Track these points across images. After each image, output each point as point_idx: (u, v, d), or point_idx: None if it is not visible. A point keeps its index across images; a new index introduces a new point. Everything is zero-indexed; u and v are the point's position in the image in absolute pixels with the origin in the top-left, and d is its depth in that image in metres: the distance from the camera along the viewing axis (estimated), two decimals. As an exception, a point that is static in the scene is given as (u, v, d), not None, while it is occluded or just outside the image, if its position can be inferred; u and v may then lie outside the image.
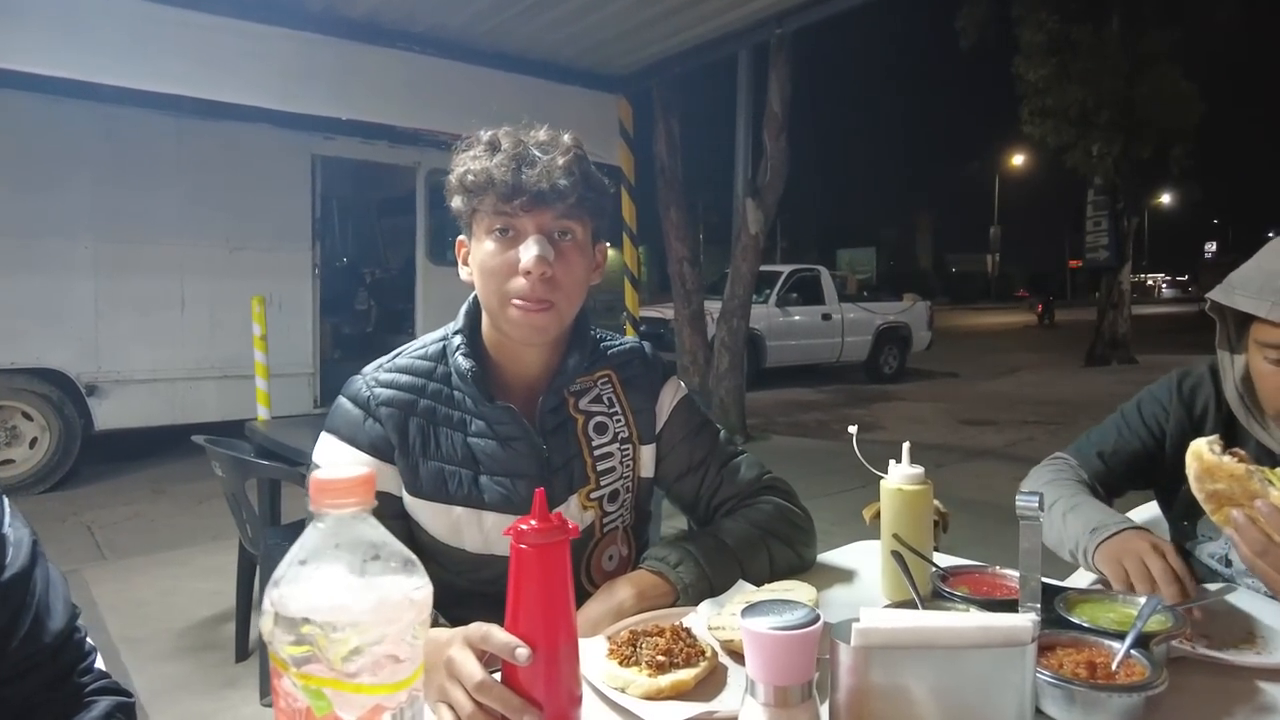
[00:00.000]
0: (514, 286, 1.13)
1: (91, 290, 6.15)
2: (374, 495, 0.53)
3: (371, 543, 0.52)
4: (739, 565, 1.18)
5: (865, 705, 0.71)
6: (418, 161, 7.76)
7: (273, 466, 2.67)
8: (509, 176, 1.10)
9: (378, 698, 0.48)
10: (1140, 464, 1.45)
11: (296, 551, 0.51)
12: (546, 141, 1.15)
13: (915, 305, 12.70)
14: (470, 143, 1.18)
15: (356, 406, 1.20)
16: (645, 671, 0.87)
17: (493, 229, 1.14)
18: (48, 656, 0.88)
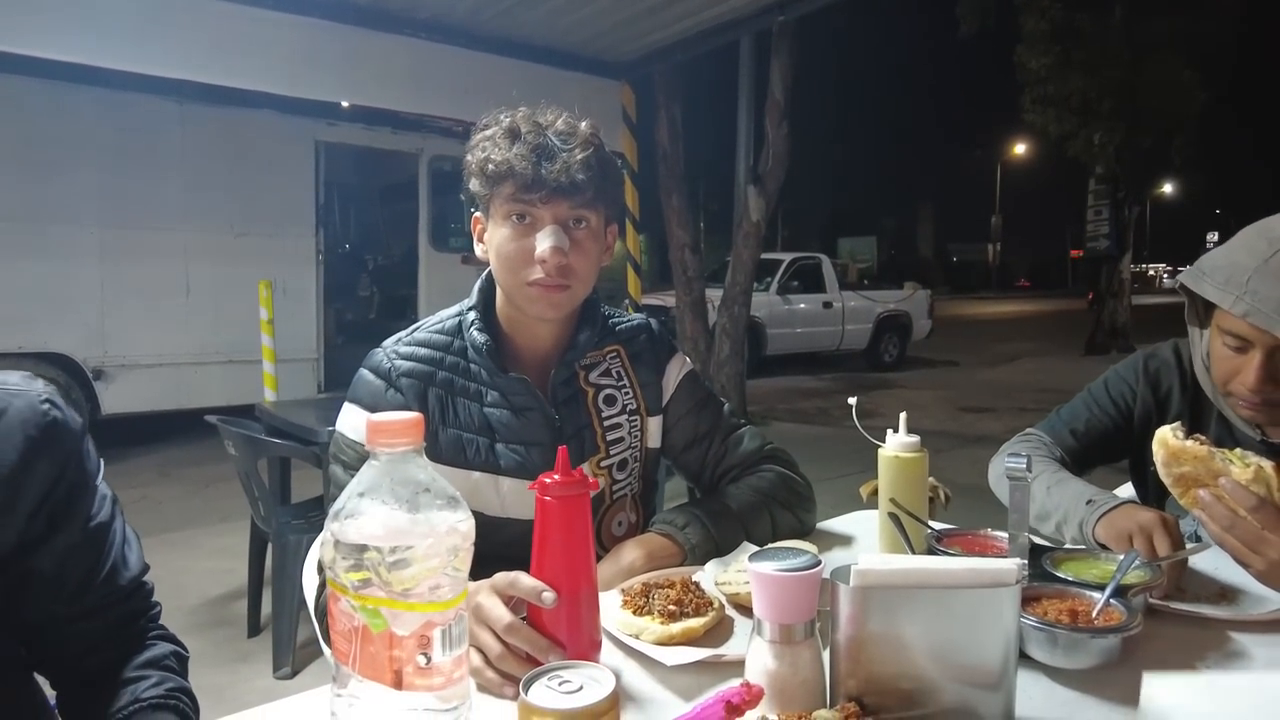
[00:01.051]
0: (531, 271, 1.19)
1: (97, 275, 6.19)
2: (423, 437, 0.58)
3: (421, 480, 0.58)
4: (743, 528, 1.25)
5: (863, 644, 0.77)
6: (420, 148, 7.80)
7: (285, 445, 2.73)
8: (529, 169, 1.14)
9: (429, 615, 0.54)
10: (1110, 441, 1.51)
11: (355, 485, 0.57)
12: (565, 132, 1.18)
13: (916, 294, 12.75)
14: (488, 124, 1.22)
15: (378, 377, 1.26)
16: (658, 620, 0.93)
17: (510, 215, 1.19)
18: (122, 598, 0.98)
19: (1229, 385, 1.28)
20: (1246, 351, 1.23)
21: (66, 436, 0.93)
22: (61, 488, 0.92)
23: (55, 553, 0.92)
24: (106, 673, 0.97)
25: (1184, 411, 1.44)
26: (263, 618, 3.17)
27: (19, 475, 0.88)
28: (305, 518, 2.91)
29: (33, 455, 0.89)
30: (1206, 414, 1.41)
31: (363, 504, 0.56)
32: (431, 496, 0.57)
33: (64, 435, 0.93)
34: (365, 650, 0.56)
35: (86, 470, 0.96)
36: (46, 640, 0.94)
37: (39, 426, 0.90)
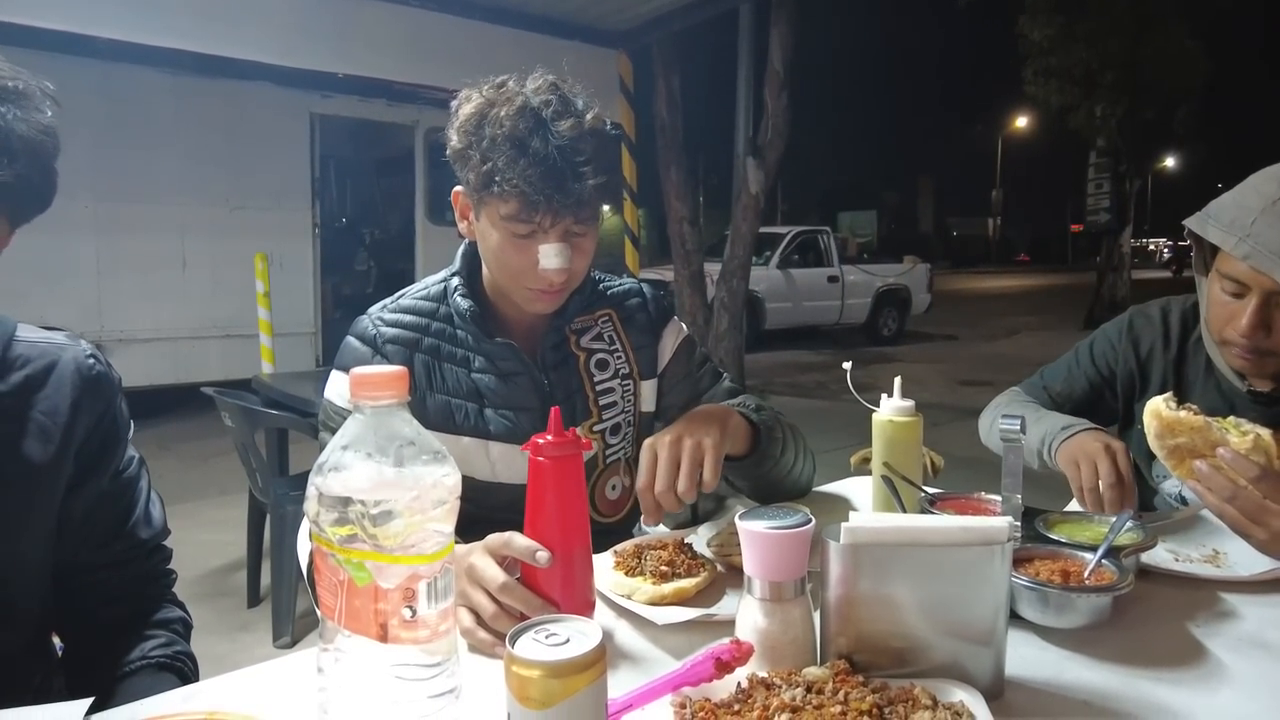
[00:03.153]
0: (530, 279, 1.16)
1: (93, 250, 6.16)
2: (408, 391, 0.58)
3: (405, 434, 0.57)
4: (792, 445, 1.28)
5: (853, 602, 0.77)
6: (416, 120, 7.72)
7: (282, 416, 2.73)
8: (540, 197, 1.07)
9: (414, 567, 0.54)
10: (1088, 401, 1.51)
11: (339, 439, 0.57)
12: (574, 138, 1.10)
13: (915, 268, 12.71)
14: (481, 112, 1.12)
15: (364, 344, 1.25)
16: (650, 580, 0.93)
17: (513, 231, 1.13)
18: (144, 555, 1.04)
19: (1223, 333, 1.27)
20: (1243, 297, 1.22)
21: (107, 388, 1.00)
22: (97, 436, 0.98)
23: (86, 498, 0.97)
24: (120, 627, 1.01)
25: (1167, 370, 1.43)
26: (262, 588, 3.19)
27: (70, 424, 0.94)
28: (302, 489, 2.89)
29: (78, 404, 0.95)
30: (1190, 372, 1.41)
31: (346, 457, 0.55)
32: (416, 450, 0.57)
33: (105, 387, 1.00)
34: (350, 604, 0.55)
35: (120, 423, 1.02)
36: (70, 587, 0.98)
37: (84, 377, 0.97)
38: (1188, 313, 1.46)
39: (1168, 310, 1.47)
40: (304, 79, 6.48)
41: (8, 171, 0.82)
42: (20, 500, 0.91)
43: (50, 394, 0.94)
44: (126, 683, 0.95)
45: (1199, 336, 1.42)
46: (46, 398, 0.94)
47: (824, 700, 0.69)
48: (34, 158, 0.84)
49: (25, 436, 0.91)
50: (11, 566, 0.91)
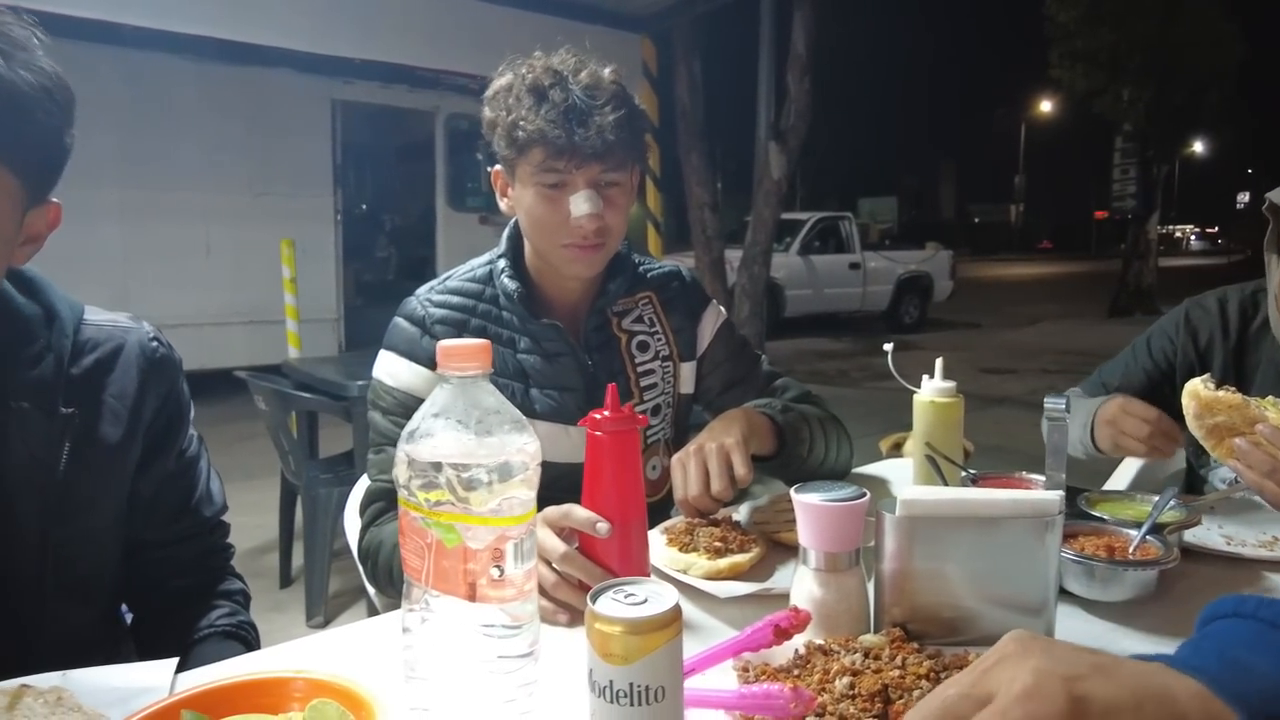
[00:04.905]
0: (565, 234, 1.18)
1: (119, 236, 6.23)
2: (490, 363, 0.60)
3: (489, 404, 0.60)
4: (822, 436, 1.30)
5: (908, 573, 0.79)
6: (437, 106, 7.74)
7: (315, 399, 2.77)
8: (561, 136, 1.11)
9: (503, 528, 0.57)
10: (1147, 395, 1.49)
11: (428, 407, 0.59)
12: (591, 85, 1.15)
13: (938, 254, 12.62)
14: (509, 83, 1.18)
15: (413, 324, 1.27)
16: (705, 556, 0.95)
17: (542, 182, 1.17)
18: (207, 530, 1.08)
19: None
20: None
21: (170, 370, 1.03)
22: (162, 418, 1.01)
23: (154, 478, 1.01)
24: (187, 598, 1.05)
25: (1227, 362, 1.43)
26: (294, 569, 3.25)
27: (138, 405, 0.97)
28: (334, 472, 2.96)
29: (145, 386, 0.98)
30: (1251, 361, 1.40)
31: (436, 424, 0.58)
32: (500, 419, 0.59)
33: (168, 369, 1.02)
34: (439, 565, 0.58)
35: (183, 404, 1.05)
36: (139, 562, 1.02)
37: (149, 360, 1.00)
38: (1246, 302, 1.45)
39: (1225, 300, 1.46)
40: (326, 65, 6.52)
41: (27, 148, 0.80)
42: (95, 481, 0.94)
43: (119, 377, 0.97)
44: (196, 649, 0.99)
45: (1260, 324, 1.41)
46: (115, 380, 0.96)
47: (882, 665, 0.71)
48: (40, 111, 0.80)
49: (98, 419, 0.94)
50: (86, 544, 0.94)
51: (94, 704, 0.67)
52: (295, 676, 0.66)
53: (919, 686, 0.67)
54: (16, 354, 0.89)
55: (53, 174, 0.86)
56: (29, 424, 0.88)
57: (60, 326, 0.93)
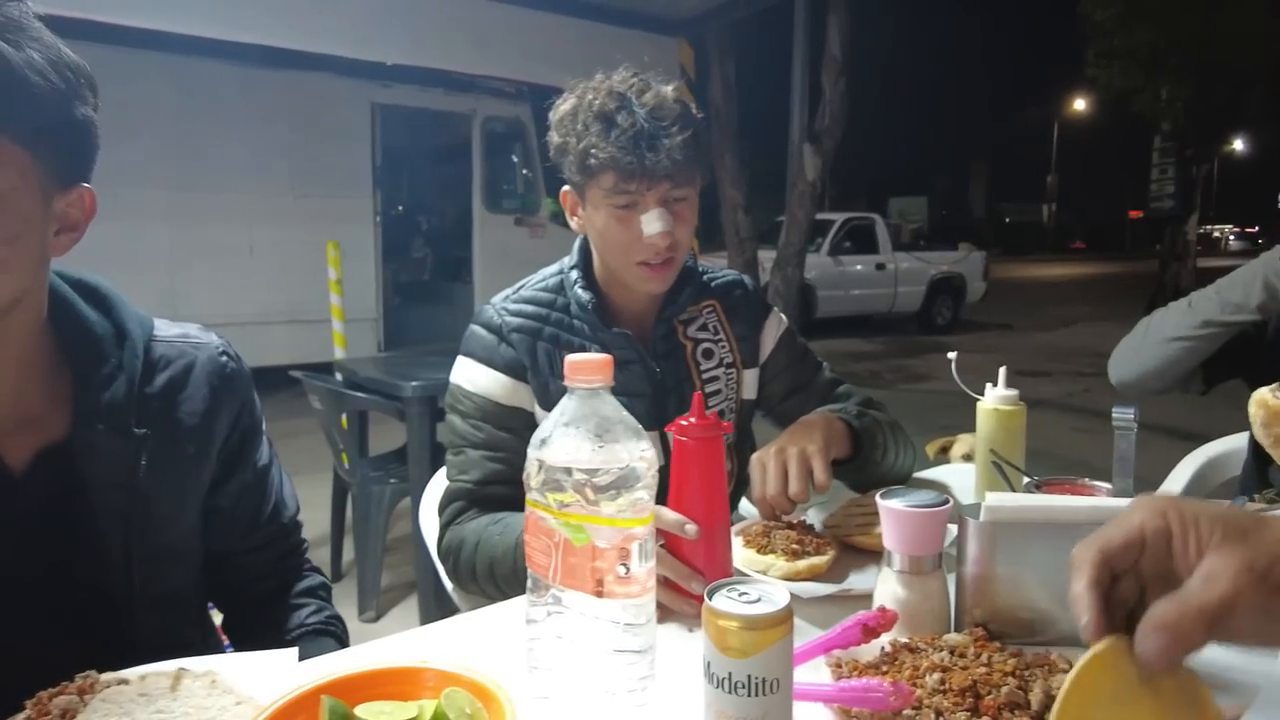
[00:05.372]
0: (637, 252, 1.23)
1: (166, 237, 6.39)
2: (612, 377, 0.65)
3: (612, 414, 0.64)
4: (893, 442, 1.33)
5: (989, 576, 0.82)
6: (473, 109, 7.84)
7: (369, 399, 2.85)
8: (633, 162, 1.15)
9: (629, 529, 0.61)
10: (1239, 348, 1.45)
11: (558, 416, 0.64)
12: (657, 107, 1.18)
13: (970, 255, 12.52)
14: (574, 108, 1.21)
15: (490, 332, 1.32)
16: (783, 558, 0.99)
17: (613, 204, 1.21)
18: (283, 534, 1.10)
19: None
20: None
21: (242, 384, 1.03)
22: (236, 434, 1.01)
23: (231, 492, 1.02)
24: (272, 598, 1.08)
25: None
26: (344, 564, 3.33)
27: (210, 422, 0.97)
28: (384, 469, 3.04)
29: (217, 403, 0.98)
30: None
31: (567, 432, 0.63)
32: (623, 428, 0.64)
33: (240, 383, 1.02)
34: (566, 562, 0.63)
35: (256, 417, 1.05)
36: (223, 570, 1.05)
37: (220, 376, 0.99)
38: None
39: None
40: (366, 69, 6.63)
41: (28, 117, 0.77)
42: (171, 499, 0.94)
43: (191, 394, 0.96)
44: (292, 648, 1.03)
45: None
46: (188, 399, 0.96)
47: (968, 663, 0.75)
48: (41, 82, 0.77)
49: (172, 438, 0.94)
50: (168, 559, 0.95)
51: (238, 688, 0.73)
52: (425, 667, 0.70)
53: (1006, 683, 0.71)
54: (91, 375, 0.89)
55: (75, 155, 0.84)
56: (105, 446, 0.88)
57: (131, 346, 0.93)
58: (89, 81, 0.83)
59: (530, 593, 0.67)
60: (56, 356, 0.90)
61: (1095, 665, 0.52)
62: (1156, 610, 0.51)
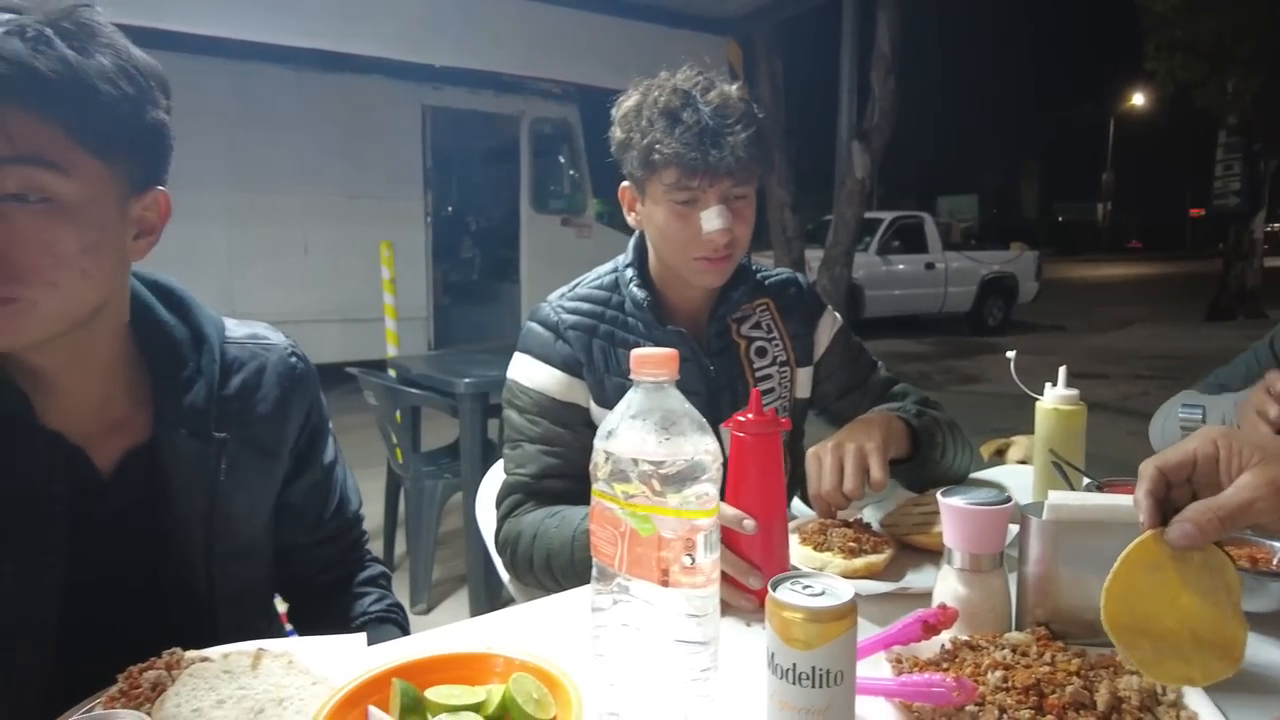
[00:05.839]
0: (696, 248, 1.24)
1: (225, 237, 6.58)
2: (677, 371, 0.66)
3: (677, 407, 0.66)
4: (951, 442, 1.32)
5: (1052, 575, 0.82)
6: (522, 110, 7.93)
7: (423, 394, 2.90)
8: (697, 158, 1.17)
9: (695, 520, 0.62)
10: None
11: (624, 409, 0.66)
12: (721, 105, 1.20)
13: (1023, 255, 12.26)
14: (638, 104, 1.23)
15: (546, 329, 1.35)
16: (840, 555, 0.99)
17: (674, 200, 1.22)
18: (347, 527, 1.13)
19: None
20: None
21: (310, 384, 1.06)
22: (306, 433, 1.05)
23: (300, 489, 1.05)
24: (336, 588, 1.12)
25: None
26: (396, 556, 3.40)
27: (282, 423, 1.01)
28: (436, 464, 3.10)
29: (288, 403, 1.01)
30: None
31: (634, 424, 0.64)
32: (688, 421, 0.65)
33: (308, 383, 1.05)
34: (633, 552, 0.64)
35: (324, 416, 1.09)
36: (290, 563, 1.08)
37: (290, 377, 1.02)
38: None
39: None
40: (417, 71, 6.75)
41: (100, 126, 0.77)
42: (247, 498, 0.98)
43: (264, 396, 0.98)
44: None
45: None
46: (262, 400, 0.98)
47: (1031, 661, 0.74)
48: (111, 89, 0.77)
49: (248, 440, 0.96)
50: (243, 555, 0.98)
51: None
52: (493, 653, 0.73)
53: (1070, 682, 0.70)
54: (171, 378, 0.91)
55: (149, 159, 0.84)
56: (187, 450, 0.91)
57: (209, 350, 0.95)
58: (160, 83, 0.84)
59: (595, 581, 0.68)
60: (137, 359, 0.92)
61: (1141, 546, 0.70)
62: (1188, 508, 0.68)
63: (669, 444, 0.63)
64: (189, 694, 0.70)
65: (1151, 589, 0.68)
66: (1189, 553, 0.68)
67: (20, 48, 0.71)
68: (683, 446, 0.63)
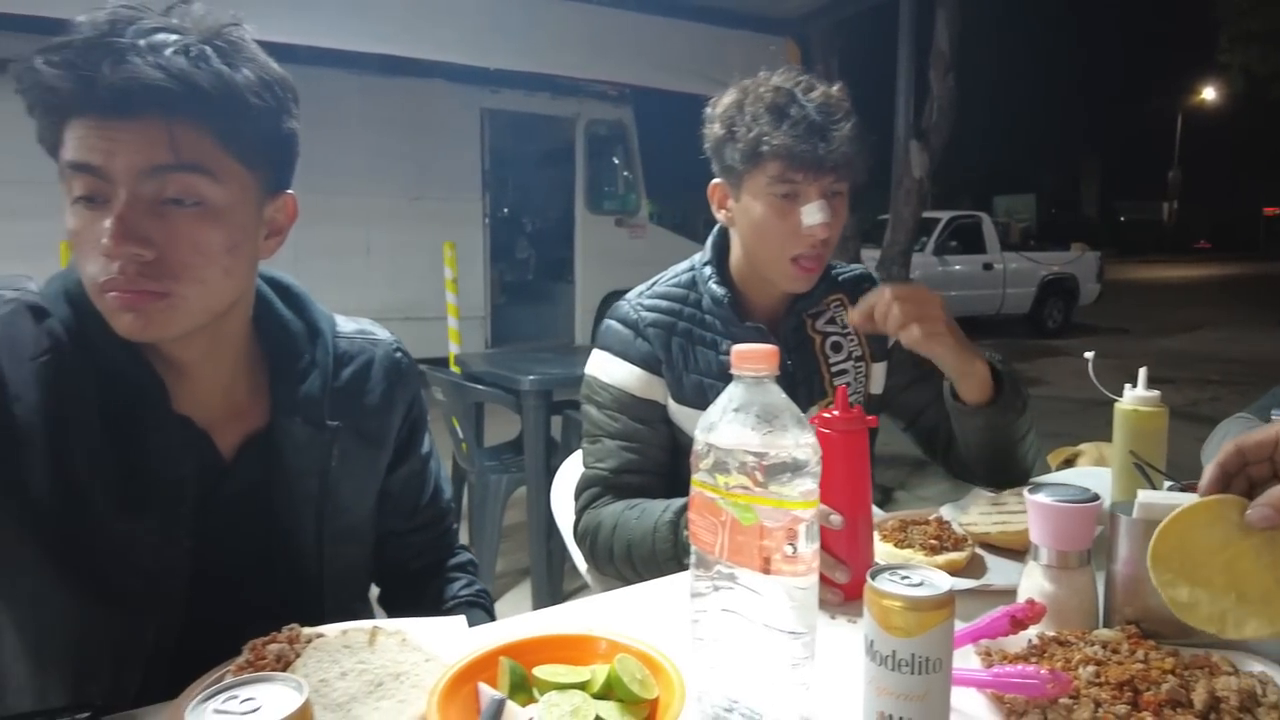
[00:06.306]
0: (794, 246, 1.26)
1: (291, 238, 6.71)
2: (777, 366, 0.69)
3: (777, 402, 0.68)
4: (1027, 421, 1.31)
5: (1143, 576, 0.82)
6: (577, 112, 8.02)
7: (488, 391, 2.98)
8: (806, 150, 1.19)
9: (796, 511, 0.65)
10: None
11: (727, 401, 0.69)
12: (825, 102, 1.23)
13: (1084, 256, 11.96)
14: (739, 100, 1.26)
15: (626, 327, 1.38)
16: (921, 552, 1.01)
17: (774, 193, 1.24)
18: (441, 515, 1.19)
19: None
20: None
21: (412, 378, 1.12)
22: (408, 424, 1.10)
23: (401, 477, 1.11)
24: (427, 574, 1.17)
25: None
26: (458, 548, 3.47)
27: (388, 414, 1.07)
28: (499, 459, 3.17)
29: (393, 395, 1.07)
30: None
31: (736, 417, 0.67)
32: (789, 416, 0.67)
33: (411, 377, 1.12)
34: (734, 540, 0.67)
35: (424, 409, 1.14)
36: (386, 549, 1.14)
37: (396, 371, 1.09)
38: None
39: None
40: (476, 75, 6.87)
41: (248, 135, 0.84)
42: (355, 484, 1.03)
43: (373, 388, 1.05)
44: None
45: None
46: (370, 391, 1.04)
47: (1123, 658, 0.75)
48: (258, 102, 0.84)
49: (358, 429, 1.02)
50: (349, 539, 1.04)
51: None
52: (597, 635, 0.76)
53: (1166, 680, 0.71)
54: (288, 369, 0.98)
55: (282, 164, 0.91)
56: (303, 437, 0.96)
57: (323, 343, 1.01)
58: (293, 94, 0.90)
59: (694, 567, 0.71)
60: (257, 351, 0.99)
61: (1202, 506, 0.75)
62: (1268, 493, 0.72)
63: (770, 437, 0.66)
64: (315, 665, 0.74)
65: (1206, 543, 0.73)
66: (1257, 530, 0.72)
67: (185, 65, 0.78)
68: (783, 440, 0.66)
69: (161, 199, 0.80)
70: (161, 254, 0.80)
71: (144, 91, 0.76)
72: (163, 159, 0.78)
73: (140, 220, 0.78)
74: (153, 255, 0.79)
